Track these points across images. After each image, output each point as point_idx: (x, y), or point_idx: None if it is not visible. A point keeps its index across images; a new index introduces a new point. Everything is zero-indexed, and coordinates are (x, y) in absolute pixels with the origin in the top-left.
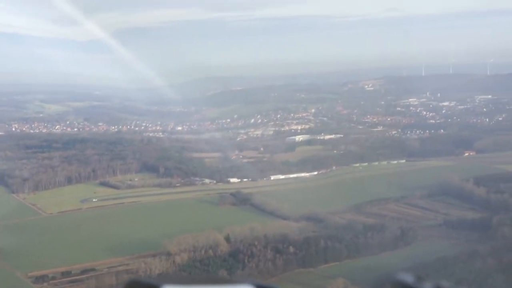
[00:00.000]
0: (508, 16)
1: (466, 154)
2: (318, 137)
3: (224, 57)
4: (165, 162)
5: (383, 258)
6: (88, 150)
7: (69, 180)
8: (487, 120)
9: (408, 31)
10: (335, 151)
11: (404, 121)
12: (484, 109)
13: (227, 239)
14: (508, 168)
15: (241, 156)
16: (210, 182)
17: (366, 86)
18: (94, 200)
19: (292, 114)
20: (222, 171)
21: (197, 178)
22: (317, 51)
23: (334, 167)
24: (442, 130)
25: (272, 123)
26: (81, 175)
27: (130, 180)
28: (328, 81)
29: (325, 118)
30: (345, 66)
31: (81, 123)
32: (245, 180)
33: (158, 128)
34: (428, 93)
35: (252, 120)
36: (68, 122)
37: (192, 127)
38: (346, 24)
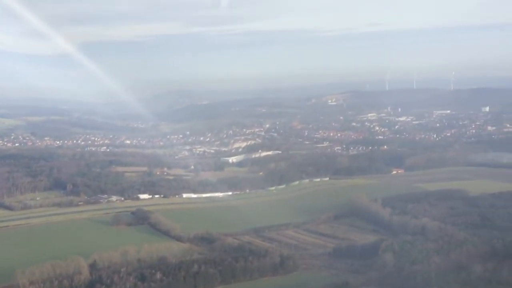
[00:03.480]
0: (475, 32)
1: (394, 172)
2: (254, 156)
3: (199, 71)
4: (78, 179)
5: (256, 285)
6: (3, 167)
7: None
8: (435, 136)
9: (383, 46)
10: (260, 173)
11: (353, 136)
12: (437, 125)
13: (93, 266)
14: (427, 186)
15: (165, 173)
16: (117, 200)
17: (330, 101)
18: None
19: (244, 130)
20: (136, 187)
21: (105, 195)
22: (292, 65)
23: (247, 190)
24: (385, 146)
25: (219, 142)
26: None
27: (31, 199)
28: (295, 95)
29: (275, 134)
30: (317, 80)
31: (26, 138)
32: (156, 196)
33: (106, 141)
34: (389, 108)
35: (202, 138)
36: (12, 137)
37: (141, 142)
38: (324, 39)
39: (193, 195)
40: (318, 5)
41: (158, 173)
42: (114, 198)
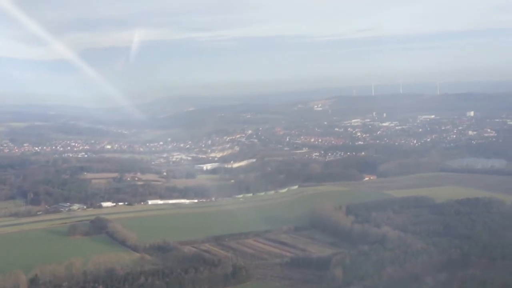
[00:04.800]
0: (464, 38)
1: (366, 178)
2: (226, 165)
3: (190, 77)
4: (42, 187)
5: None
6: None
7: None
8: (415, 141)
9: (372, 51)
10: (232, 181)
11: (333, 142)
12: (420, 130)
13: (33, 280)
14: (395, 193)
15: (136, 178)
16: (78, 208)
17: (316, 106)
18: None
19: (225, 137)
20: (101, 195)
21: (67, 204)
22: (280, 71)
23: (214, 197)
24: (363, 152)
25: (198, 149)
26: None
27: None
28: (282, 101)
29: (255, 140)
30: (305, 85)
31: (4, 145)
32: (120, 204)
33: (85, 147)
34: (374, 113)
35: (182, 145)
36: None
37: (123, 147)
38: (313, 45)
39: (159, 202)
40: (307, 11)
41: (128, 179)
42: (76, 206)
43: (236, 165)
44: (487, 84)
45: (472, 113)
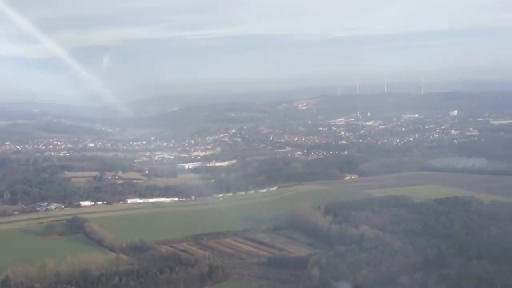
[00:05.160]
0: (449, 37)
1: (347, 177)
2: (208, 164)
3: (180, 75)
4: (19, 186)
5: None
6: None
7: None
8: (398, 140)
9: (357, 50)
10: (213, 180)
11: (316, 141)
12: (403, 129)
13: (4, 282)
14: (375, 193)
15: (117, 177)
16: (56, 208)
17: (300, 105)
18: None
19: (208, 137)
20: (79, 194)
21: (45, 203)
22: (266, 70)
23: (193, 197)
24: (345, 151)
25: (181, 148)
26: None
27: None
28: (267, 100)
29: (239, 139)
30: (291, 84)
31: None
32: (99, 203)
33: (68, 145)
34: (358, 113)
35: (165, 144)
36: None
37: (106, 145)
38: (300, 44)
39: (139, 200)
40: (295, 10)
41: (109, 177)
42: (53, 206)
43: (218, 164)
44: (471, 83)
45: (455, 112)
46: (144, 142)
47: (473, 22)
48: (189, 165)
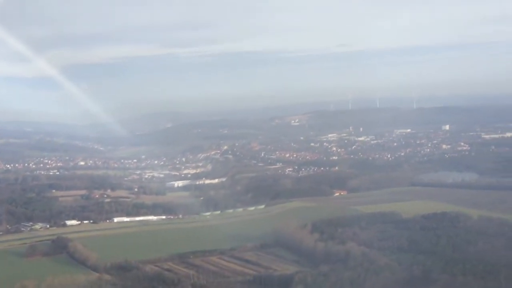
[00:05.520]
0: (442, 52)
1: (336, 193)
2: (198, 182)
3: (173, 92)
4: (4, 206)
5: None
6: None
7: None
8: (389, 155)
9: (351, 66)
10: (201, 198)
11: (308, 157)
12: (395, 144)
13: None
14: (363, 209)
15: (105, 195)
16: (41, 227)
17: (293, 121)
18: None
19: (199, 155)
20: (66, 213)
21: (30, 223)
22: (262, 86)
23: (181, 215)
24: (336, 167)
25: (171, 166)
26: None
27: None
28: (260, 116)
29: (230, 156)
30: (284, 100)
31: None
32: (85, 222)
33: (59, 164)
34: (351, 128)
35: (156, 162)
36: None
37: (97, 163)
38: (294, 59)
39: (126, 219)
40: (288, 26)
41: (97, 196)
42: (38, 226)
43: (207, 182)
44: (464, 98)
45: (447, 127)
46: (135, 160)
47: (465, 36)
48: (179, 183)
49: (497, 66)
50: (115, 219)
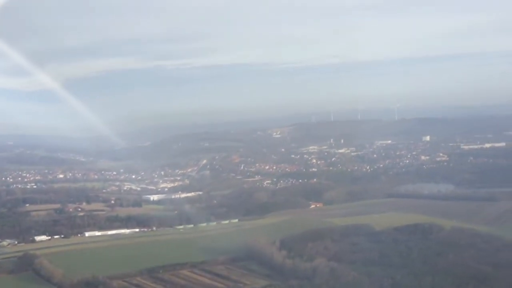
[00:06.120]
0: (425, 63)
1: (312, 206)
2: (174, 196)
3: (157, 106)
4: None
5: None
6: None
7: None
8: (368, 167)
9: (334, 78)
10: (176, 211)
11: (287, 169)
12: (375, 155)
13: None
14: (337, 221)
15: (79, 209)
16: (8, 244)
17: (275, 134)
18: None
19: (178, 169)
20: (36, 228)
21: None
22: (247, 98)
23: (154, 228)
24: (314, 179)
25: (149, 180)
26: None
27: None
28: (242, 129)
29: (208, 171)
30: (267, 113)
31: None
32: (56, 237)
33: (37, 178)
34: (331, 140)
35: (134, 176)
36: None
37: (76, 175)
38: (279, 72)
39: (97, 233)
40: (275, 39)
41: (71, 210)
42: (6, 242)
43: (184, 195)
44: (445, 109)
45: (428, 138)
46: (114, 173)
47: (446, 48)
48: (155, 197)
49: (477, 78)
50: (87, 234)
